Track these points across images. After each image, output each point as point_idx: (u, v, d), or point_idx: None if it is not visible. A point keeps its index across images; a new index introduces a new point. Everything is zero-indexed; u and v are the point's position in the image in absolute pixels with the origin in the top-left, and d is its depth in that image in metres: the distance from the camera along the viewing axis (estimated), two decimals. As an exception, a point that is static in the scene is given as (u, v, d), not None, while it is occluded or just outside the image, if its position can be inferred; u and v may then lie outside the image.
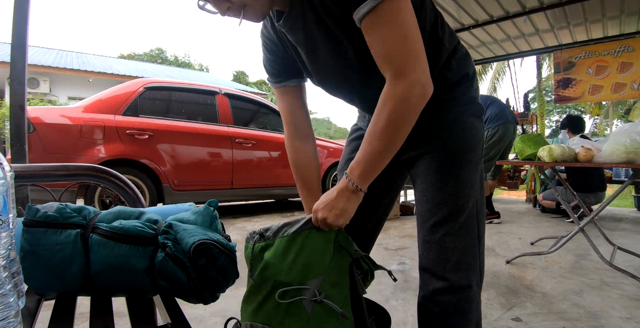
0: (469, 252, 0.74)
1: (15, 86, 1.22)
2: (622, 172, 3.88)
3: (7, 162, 0.48)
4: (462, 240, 0.73)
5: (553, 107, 21.30)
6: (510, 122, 3.21)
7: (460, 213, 0.73)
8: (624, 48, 4.20)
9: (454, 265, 0.72)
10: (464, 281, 0.72)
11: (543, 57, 11.22)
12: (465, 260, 0.73)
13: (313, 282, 0.62)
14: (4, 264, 0.43)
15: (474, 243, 0.76)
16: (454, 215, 0.72)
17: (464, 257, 0.73)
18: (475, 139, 0.75)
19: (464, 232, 0.73)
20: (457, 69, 0.74)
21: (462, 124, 0.74)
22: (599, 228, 2.15)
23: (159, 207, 0.83)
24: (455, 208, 0.72)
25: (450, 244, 0.72)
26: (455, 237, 0.72)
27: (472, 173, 0.74)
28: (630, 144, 1.63)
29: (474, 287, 0.74)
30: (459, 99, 0.75)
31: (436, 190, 0.73)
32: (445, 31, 0.74)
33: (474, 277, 0.74)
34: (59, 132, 2.61)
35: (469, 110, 0.75)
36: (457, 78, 0.75)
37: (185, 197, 3.03)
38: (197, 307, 1.42)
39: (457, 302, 0.72)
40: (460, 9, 3.65)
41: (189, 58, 30.68)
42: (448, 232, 0.72)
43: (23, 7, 1.22)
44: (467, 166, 0.73)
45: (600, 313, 1.40)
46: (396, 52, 0.58)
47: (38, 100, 7.99)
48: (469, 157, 0.74)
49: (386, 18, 0.57)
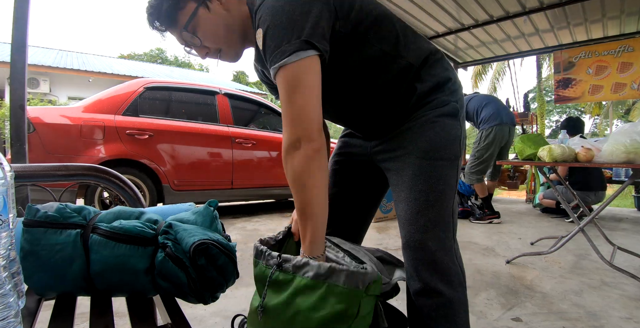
0: (446, 252, 0.73)
1: (15, 86, 1.22)
2: (622, 172, 3.88)
3: (7, 162, 0.48)
4: (436, 239, 0.72)
5: (553, 107, 21.30)
6: (505, 123, 3.17)
7: (432, 211, 0.72)
8: (624, 48, 4.20)
9: (429, 266, 0.71)
10: (440, 284, 0.71)
11: (543, 57, 11.23)
12: (441, 261, 0.72)
13: None
14: (4, 264, 0.43)
15: (451, 243, 0.75)
16: (425, 212, 0.72)
17: (439, 257, 0.72)
18: (448, 136, 0.75)
19: (438, 231, 0.73)
20: (428, 79, 0.77)
21: (433, 124, 0.75)
22: (599, 228, 2.15)
23: (159, 207, 0.83)
24: (427, 205, 0.72)
25: (422, 244, 0.71)
26: (427, 235, 0.71)
27: (445, 169, 0.74)
28: (630, 144, 1.63)
29: (456, 288, 0.72)
30: (430, 103, 0.77)
31: (407, 189, 0.74)
32: (409, 47, 0.76)
33: (454, 278, 0.73)
34: (59, 132, 2.61)
35: (440, 111, 0.76)
36: (427, 88, 0.76)
37: (185, 197, 3.03)
38: (197, 307, 1.42)
39: (437, 306, 0.71)
40: (460, 9, 3.65)
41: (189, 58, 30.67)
42: (419, 230, 0.71)
43: (23, 7, 1.22)
44: (439, 163, 0.74)
45: (600, 313, 1.40)
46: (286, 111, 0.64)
47: (38, 100, 7.98)
48: (440, 154, 0.74)
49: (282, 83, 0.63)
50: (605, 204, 1.80)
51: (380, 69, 0.74)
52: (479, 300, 1.52)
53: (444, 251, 0.72)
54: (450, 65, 0.84)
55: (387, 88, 0.76)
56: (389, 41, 0.73)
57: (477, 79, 11.90)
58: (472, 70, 11.70)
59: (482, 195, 3.31)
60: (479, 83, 11.99)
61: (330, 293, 0.58)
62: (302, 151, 0.62)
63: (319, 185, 0.64)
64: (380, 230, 2.97)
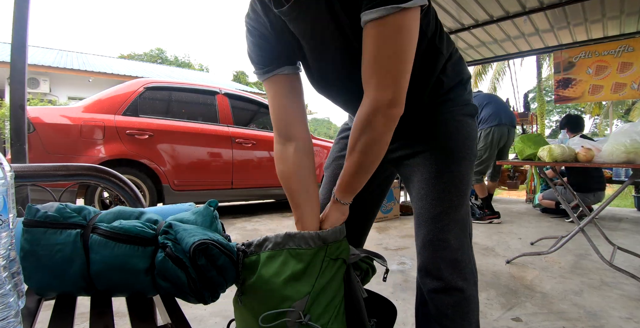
0: (464, 251, 0.74)
1: (15, 86, 1.22)
2: (622, 172, 3.88)
3: (7, 162, 0.48)
4: (457, 238, 0.73)
5: (553, 107, 21.30)
6: (504, 124, 3.16)
7: (455, 210, 0.73)
8: (624, 48, 4.20)
9: (450, 265, 0.72)
10: (460, 281, 0.72)
11: (543, 57, 11.23)
12: (461, 259, 0.73)
13: (298, 304, 0.60)
14: (4, 264, 0.43)
15: (468, 242, 0.76)
16: (448, 211, 0.72)
17: (459, 255, 0.72)
18: (469, 136, 0.76)
19: (459, 230, 0.73)
20: (452, 75, 0.76)
21: (457, 122, 0.75)
22: (599, 228, 2.15)
23: (159, 207, 0.83)
24: (451, 205, 0.72)
25: (445, 243, 0.72)
26: (450, 234, 0.72)
27: (467, 169, 0.75)
28: (630, 144, 1.63)
29: (472, 287, 0.74)
30: (454, 100, 0.76)
31: (431, 186, 0.74)
32: (443, 38, 0.74)
33: (470, 276, 0.74)
34: (59, 132, 2.61)
35: (463, 110, 0.76)
36: (453, 83, 0.76)
37: (185, 197, 3.03)
38: (197, 307, 1.42)
39: (455, 303, 0.71)
40: (460, 9, 3.65)
41: (189, 58, 30.70)
42: (443, 229, 0.72)
43: (23, 7, 1.22)
44: (462, 162, 0.74)
45: (600, 313, 1.40)
46: (380, 67, 0.56)
47: (38, 100, 7.98)
48: (463, 153, 0.74)
49: (388, 31, 0.54)
50: (605, 204, 1.80)
51: (423, 54, 0.69)
52: (479, 300, 1.52)
53: (463, 249, 0.73)
54: None
55: (423, 77, 0.72)
56: (432, 26, 0.69)
57: (477, 79, 11.90)
58: (472, 70, 11.69)
59: (481, 196, 3.31)
60: (479, 83, 11.99)
61: (290, 256, 0.63)
62: (387, 113, 0.59)
63: (385, 148, 0.64)
64: (381, 230, 2.97)
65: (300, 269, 0.62)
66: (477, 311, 0.76)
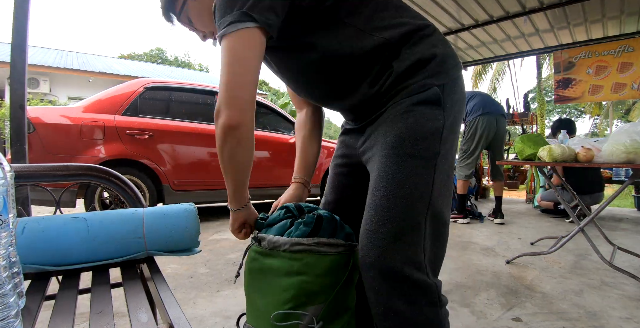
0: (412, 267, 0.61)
1: (15, 86, 1.22)
2: (622, 172, 3.88)
3: (7, 162, 0.48)
4: (399, 254, 0.60)
5: (553, 107, 21.29)
6: (490, 113, 3.11)
7: (392, 218, 0.61)
8: (624, 48, 4.20)
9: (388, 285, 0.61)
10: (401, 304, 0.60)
11: (543, 57, 11.23)
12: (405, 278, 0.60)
13: (312, 309, 0.60)
14: (4, 264, 0.43)
15: (419, 258, 0.63)
16: (385, 221, 0.61)
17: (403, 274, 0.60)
18: (423, 128, 0.64)
19: (402, 244, 0.61)
20: (408, 57, 0.67)
21: (406, 114, 0.65)
22: (599, 228, 2.15)
23: (158, 207, 0.83)
24: (387, 212, 0.62)
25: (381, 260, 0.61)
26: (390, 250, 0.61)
27: (417, 169, 0.63)
28: (630, 144, 1.62)
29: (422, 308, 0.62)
30: (408, 88, 0.67)
31: (372, 192, 0.65)
32: (388, 22, 0.68)
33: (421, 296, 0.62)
34: (59, 132, 2.61)
35: (417, 98, 0.66)
36: (404, 68, 0.66)
37: (185, 197, 3.03)
38: (197, 307, 1.42)
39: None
40: (460, 9, 3.65)
41: (189, 58, 30.69)
42: (378, 244, 0.61)
43: (23, 7, 1.22)
44: (408, 162, 0.63)
45: (600, 313, 1.40)
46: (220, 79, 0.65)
47: (38, 100, 7.98)
48: (409, 150, 0.63)
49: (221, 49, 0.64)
50: (605, 204, 1.80)
51: (353, 45, 0.67)
52: (479, 300, 1.52)
53: (409, 267, 0.61)
54: (445, 41, 0.72)
55: (361, 67, 0.69)
56: (360, 16, 0.68)
57: (477, 79, 11.90)
58: (472, 70, 11.70)
59: (459, 192, 3.27)
60: (479, 83, 11.99)
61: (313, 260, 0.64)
62: (220, 121, 0.65)
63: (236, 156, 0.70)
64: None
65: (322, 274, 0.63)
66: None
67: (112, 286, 0.69)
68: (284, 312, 0.60)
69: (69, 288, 0.65)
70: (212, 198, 3.31)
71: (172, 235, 0.78)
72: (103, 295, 0.62)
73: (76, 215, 0.75)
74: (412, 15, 0.72)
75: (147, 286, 0.73)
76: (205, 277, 1.76)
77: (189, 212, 0.81)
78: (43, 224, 0.70)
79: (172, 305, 0.58)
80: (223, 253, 2.21)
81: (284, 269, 0.64)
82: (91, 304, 0.59)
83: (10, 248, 0.48)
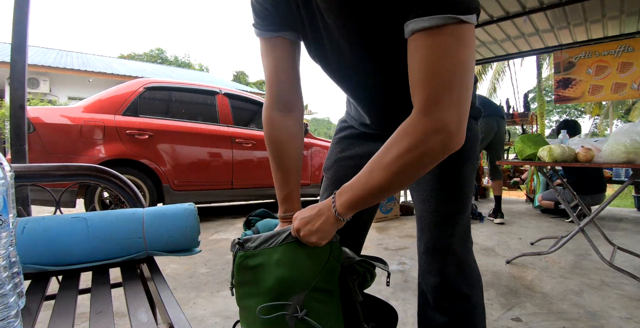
0: (470, 255, 0.73)
1: (15, 86, 1.22)
2: (622, 172, 3.88)
3: (7, 162, 0.48)
4: (461, 243, 0.72)
5: (553, 107, 21.30)
6: (490, 115, 3.13)
7: (459, 214, 0.71)
8: (624, 48, 4.21)
9: (454, 271, 0.71)
10: (466, 288, 0.71)
11: (543, 57, 11.23)
12: (468, 264, 0.72)
13: (295, 298, 0.60)
14: (4, 264, 0.43)
15: (471, 246, 0.75)
16: (453, 215, 0.71)
17: (464, 261, 0.72)
18: (472, 137, 0.73)
19: (463, 235, 0.72)
20: None
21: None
22: (599, 228, 2.15)
23: (159, 207, 0.83)
24: (455, 209, 0.71)
25: (449, 248, 0.71)
26: (454, 239, 0.71)
27: (469, 171, 0.74)
28: (630, 144, 1.63)
29: (477, 293, 0.73)
30: None
31: (434, 189, 0.72)
32: None
33: (476, 282, 0.73)
34: (59, 132, 2.61)
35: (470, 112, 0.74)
36: None
37: (185, 197, 3.03)
38: (197, 307, 1.42)
39: (464, 311, 0.70)
40: (460, 9, 3.64)
41: (189, 58, 30.69)
42: (446, 234, 0.71)
43: (23, 7, 1.22)
44: (465, 164, 0.73)
45: (600, 313, 1.40)
46: (437, 82, 0.49)
47: (38, 100, 7.99)
48: (467, 155, 0.73)
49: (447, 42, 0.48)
50: (605, 204, 1.80)
51: None
52: (479, 300, 1.52)
53: (468, 254, 0.73)
54: None
55: None
56: None
57: (477, 79, 11.90)
58: (472, 70, 11.68)
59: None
60: (479, 83, 11.99)
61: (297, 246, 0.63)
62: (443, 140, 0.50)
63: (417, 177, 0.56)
64: (380, 230, 2.97)
65: (302, 263, 0.62)
66: (484, 318, 0.75)
67: (112, 286, 0.69)
68: (268, 304, 0.60)
69: (69, 288, 0.65)
70: (213, 198, 3.31)
71: (172, 235, 0.78)
72: (103, 295, 0.62)
73: (76, 215, 0.75)
74: None
75: (147, 286, 0.73)
76: (205, 277, 1.76)
77: (189, 212, 0.81)
78: (43, 224, 0.70)
79: (172, 305, 0.58)
80: (223, 253, 2.21)
81: (266, 263, 0.64)
82: (91, 304, 0.59)
83: (10, 248, 0.48)
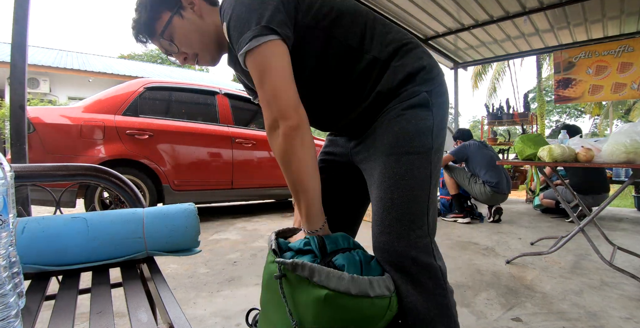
0: (419, 251, 0.68)
1: (15, 86, 1.22)
2: (622, 172, 3.88)
3: (7, 162, 0.48)
4: (405, 239, 0.68)
5: (553, 107, 21.29)
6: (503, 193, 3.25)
7: (397, 207, 0.68)
8: (624, 48, 4.21)
9: (397, 270, 0.68)
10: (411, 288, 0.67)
11: (543, 57, 11.23)
12: (413, 262, 0.67)
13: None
14: (4, 264, 0.43)
15: (425, 241, 0.70)
16: (390, 209, 0.69)
17: (411, 258, 0.67)
18: (417, 128, 0.71)
19: (408, 229, 0.68)
20: (399, 70, 0.74)
21: (400, 117, 0.72)
22: (599, 228, 2.15)
23: (158, 207, 0.83)
24: (391, 202, 0.69)
25: (389, 245, 0.68)
26: (396, 236, 0.68)
27: (414, 163, 0.70)
28: (630, 144, 1.62)
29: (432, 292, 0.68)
30: (399, 96, 0.74)
31: (377, 187, 0.72)
32: (376, 41, 0.74)
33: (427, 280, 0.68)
34: (59, 132, 2.61)
35: (408, 103, 0.73)
36: (397, 81, 0.73)
37: (185, 197, 3.03)
38: (197, 307, 1.42)
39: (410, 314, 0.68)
40: (460, 9, 3.65)
41: (189, 58, 30.58)
42: (386, 231, 0.68)
43: (23, 7, 1.22)
44: (406, 157, 0.70)
45: (600, 313, 1.40)
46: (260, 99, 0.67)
47: (38, 100, 7.98)
48: (407, 148, 0.70)
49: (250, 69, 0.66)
50: (605, 204, 1.80)
51: (346, 64, 0.73)
52: (479, 300, 1.52)
53: (415, 251, 0.67)
54: (427, 53, 0.79)
55: (355, 83, 0.75)
56: (354, 36, 0.73)
57: (477, 79, 11.90)
58: (472, 70, 11.70)
59: (453, 192, 3.38)
60: (479, 83, 11.99)
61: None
62: (280, 130, 0.65)
63: (303, 160, 0.66)
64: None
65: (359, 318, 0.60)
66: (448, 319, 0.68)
67: (112, 286, 0.69)
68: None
69: (69, 288, 0.65)
70: (213, 198, 3.31)
71: (172, 235, 0.78)
72: (103, 295, 0.62)
73: (76, 215, 0.75)
74: (400, 32, 0.79)
75: (147, 286, 0.73)
76: (205, 277, 1.76)
77: (189, 212, 0.81)
78: (43, 224, 0.70)
79: (172, 305, 0.58)
80: (223, 253, 2.21)
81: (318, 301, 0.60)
82: (91, 304, 0.59)
83: (10, 248, 0.48)
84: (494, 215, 3.29)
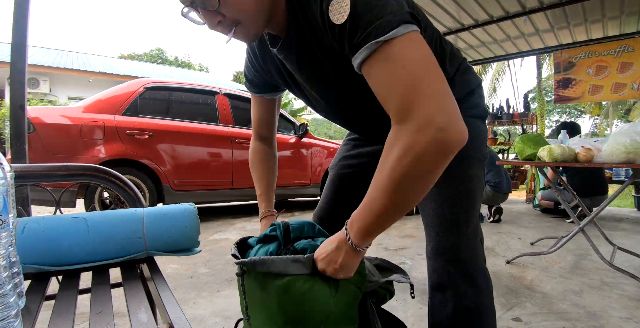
0: (476, 254, 0.72)
1: (15, 86, 1.22)
2: (622, 172, 3.88)
3: (7, 162, 0.48)
4: (467, 241, 0.71)
5: (553, 107, 21.29)
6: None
7: (466, 213, 0.71)
8: (624, 48, 4.20)
9: (460, 271, 0.70)
10: (471, 290, 0.70)
11: (543, 57, 11.22)
12: (472, 264, 0.71)
13: None
14: (4, 264, 0.43)
15: (479, 245, 0.75)
16: (459, 214, 0.71)
17: (470, 260, 0.71)
18: (479, 137, 0.76)
19: (471, 235, 0.72)
20: (464, 85, 0.77)
21: (467, 125, 0.71)
22: (599, 228, 2.15)
23: (158, 207, 0.83)
24: (461, 207, 0.71)
25: (456, 248, 0.70)
26: (461, 239, 0.70)
27: (477, 169, 0.75)
28: (630, 144, 1.62)
29: (485, 295, 0.71)
30: (462, 105, 0.71)
31: (440, 188, 0.71)
32: (445, 58, 0.73)
33: (482, 282, 0.72)
34: (59, 132, 2.61)
35: (472, 112, 0.76)
36: (462, 94, 0.76)
37: (185, 197, 3.03)
38: (197, 307, 1.42)
39: (467, 313, 0.69)
40: (460, 9, 3.65)
41: (189, 58, 30.75)
42: (453, 232, 0.71)
43: (23, 7, 1.22)
44: (471, 162, 0.74)
45: (600, 313, 1.40)
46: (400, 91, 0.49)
47: (38, 100, 7.99)
48: (472, 153, 0.73)
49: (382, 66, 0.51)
50: (605, 204, 1.80)
51: None
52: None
53: (474, 253, 0.72)
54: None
55: None
56: (442, 58, 0.72)
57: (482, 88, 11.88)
58: (472, 70, 11.68)
59: None
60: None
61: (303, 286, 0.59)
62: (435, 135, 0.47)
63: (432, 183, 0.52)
64: (380, 230, 2.97)
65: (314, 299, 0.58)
66: (493, 322, 0.73)
67: (112, 286, 0.69)
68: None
69: (69, 288, 0.65)
70: (213, 198, 3.31)
71: (172, 235, 0.78)
72: (103, 295, 0.62)
73: (76, 215, 0.75)
74: (456, 48, 0.81)
75: (147, 286, 0.73)
76: (205, 277, 1.76)
77: (189, 212, 0.81)
78: (43, 224, 0.70)
79: (172, 305, 0.58)
80: (223, 253, 2.21)
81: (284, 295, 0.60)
82: (91, 304, 0.59)
83: (10, 248, 0.48)
84: (494, 215, 3.30)
